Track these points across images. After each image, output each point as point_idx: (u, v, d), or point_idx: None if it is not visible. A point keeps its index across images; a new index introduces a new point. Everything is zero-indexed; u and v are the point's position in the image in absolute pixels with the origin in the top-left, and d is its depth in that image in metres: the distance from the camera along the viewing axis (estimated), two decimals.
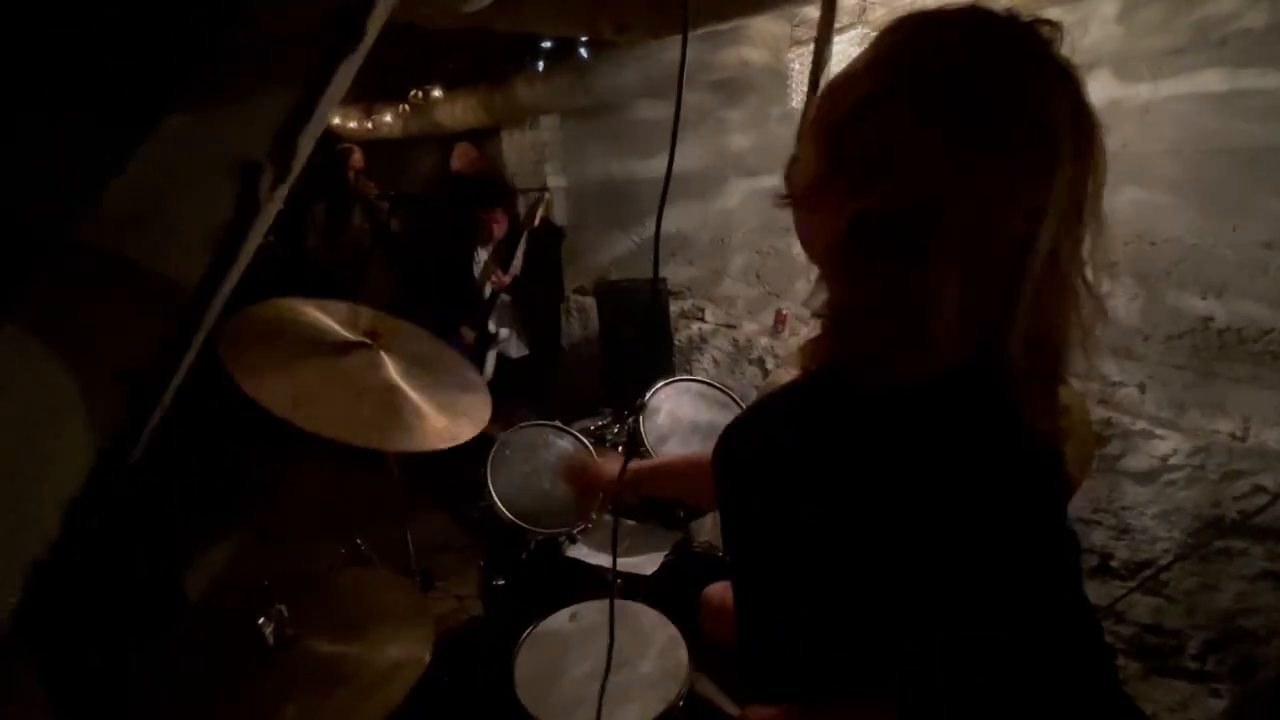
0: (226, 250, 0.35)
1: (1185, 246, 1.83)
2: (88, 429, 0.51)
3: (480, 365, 2.83)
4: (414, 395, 1.42)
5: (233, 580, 2.19)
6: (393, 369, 1.44)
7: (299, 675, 1.00)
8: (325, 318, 1.46)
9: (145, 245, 0.48)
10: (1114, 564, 2.00)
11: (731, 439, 0.68)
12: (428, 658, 1.02)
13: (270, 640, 1.01)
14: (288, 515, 2.71)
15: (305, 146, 0.37)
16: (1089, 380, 2.02)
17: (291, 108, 0.33)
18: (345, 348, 1.41)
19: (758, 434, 0.66)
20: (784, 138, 2.72)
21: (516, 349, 3.06)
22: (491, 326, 2.97)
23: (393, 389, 1.41)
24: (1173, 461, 1.86)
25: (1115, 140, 1.88)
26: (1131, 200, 1.90)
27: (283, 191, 0.36)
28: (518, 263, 2.99)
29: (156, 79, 0.44)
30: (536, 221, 3.00)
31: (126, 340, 0.50)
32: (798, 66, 1.79)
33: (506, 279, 2.92)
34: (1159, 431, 1.88)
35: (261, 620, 1.00)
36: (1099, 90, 1.91)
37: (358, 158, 3.56)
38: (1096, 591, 2.00)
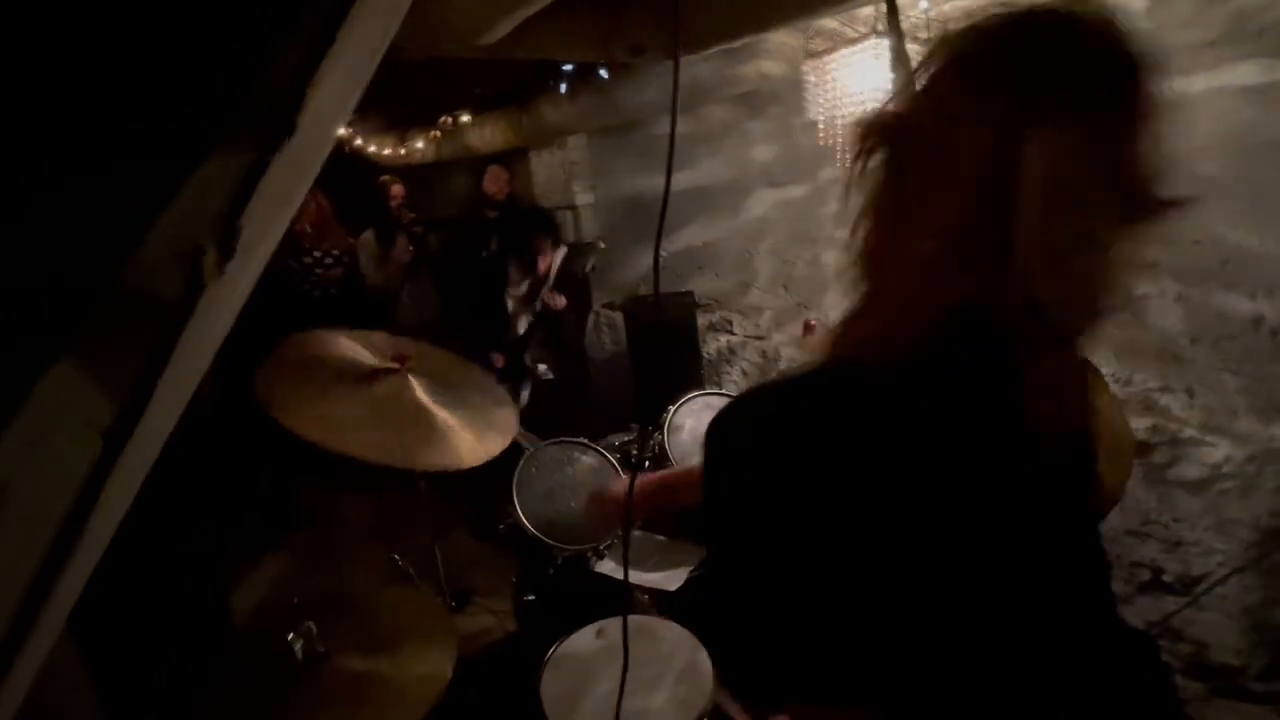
0: (175, 325, 0.38)
1: (1230, 245, 1.75)
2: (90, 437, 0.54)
3: (515, 394, 2.87)
4: (442, 414, 1.48)
5: (276, 601, 2.28)
6: (420, 390, 1.50)
7: (327, 691, 1.04)
8: (356, 346, 1.53)
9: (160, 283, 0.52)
10: (1166, 578, 1.91)
11: (726, 418, 0.66)
12: (450, 673, 1.05)
13: (300, 656, 1.05)
14: (329, 537, 2.80)
15: (258, 224, 0.40)
16: (1129, 385, 1.94)
17: (231, 195, 0.36)
18: (374, 374, 1.48)
19: (754, 413, 0.65)
20: (807, 147, 2.72)
21: (547, 373, 3.10)
22: (528, 360, 2.99)
23: (421, 409, 1.47)
24: (1226, 470, 1.77)
25: None
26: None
27: (238, 266, 0.39)
28: (550, 297, 3.04)
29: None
30: (589, 270, 3.06)
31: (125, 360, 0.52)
32: (814, 78, 1.79)
33: (562, 300, 2.95)
34: (1209, 439, 1.80)
35: (290, 637, 1.05)
36: None
37: (398, 189, 3.75)
38: (1149, 607, 1.91)
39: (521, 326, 3.00)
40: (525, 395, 2.94)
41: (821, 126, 1.89)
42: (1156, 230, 0.56)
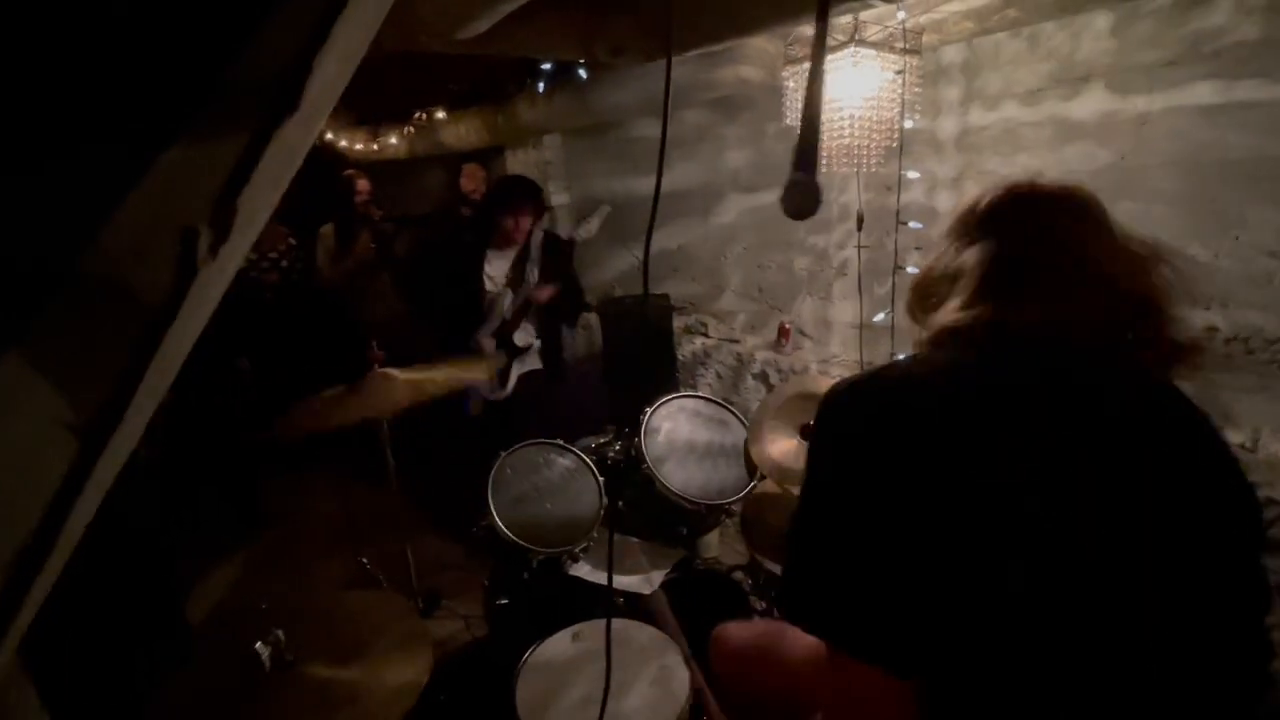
0: (168, 310, 0.35)
1: (1186, 258, 1.81)
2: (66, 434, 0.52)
3: (502, 381, 2.74)
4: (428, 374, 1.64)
5: (236, 603, 2.19)
6: (400, 373, 1.63)
7: (297, 699, 1.00)
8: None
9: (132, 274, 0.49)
10: None
11: (837, 396, 0.73)
12: (425, 681, 1.02)
13: (268, 665, 1.01)
14: (291, 536, 2.71)
15: (250, 208, 0.37)
16: None
17: (229, 173, 0.34)
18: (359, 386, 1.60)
19: (861, 403, 0.72)
20: (780, 153, 2.74)
21: (534, 362, 2.95)
22: (520, 339, 2.76)
23: (408, 380, 1.62)
24: None
25: (1111, 153, 1.90)
26: (1128, 213, 1.87)
27: (229, 251, 0.36)
28: (533, 276, 2.84)
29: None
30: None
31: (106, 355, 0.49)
32: (792, 84, 1.80)
33: (547, 291, 2.74)
34: None
35: (259, 645, 1.00)
36: (1092, 104, 1.93)
37: (364, 184, 3.62)
38: None
39: (507, 311, 2.73)
40: (513, 381, 2.80)
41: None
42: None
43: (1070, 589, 0.63)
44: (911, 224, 2.07)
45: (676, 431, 1.95)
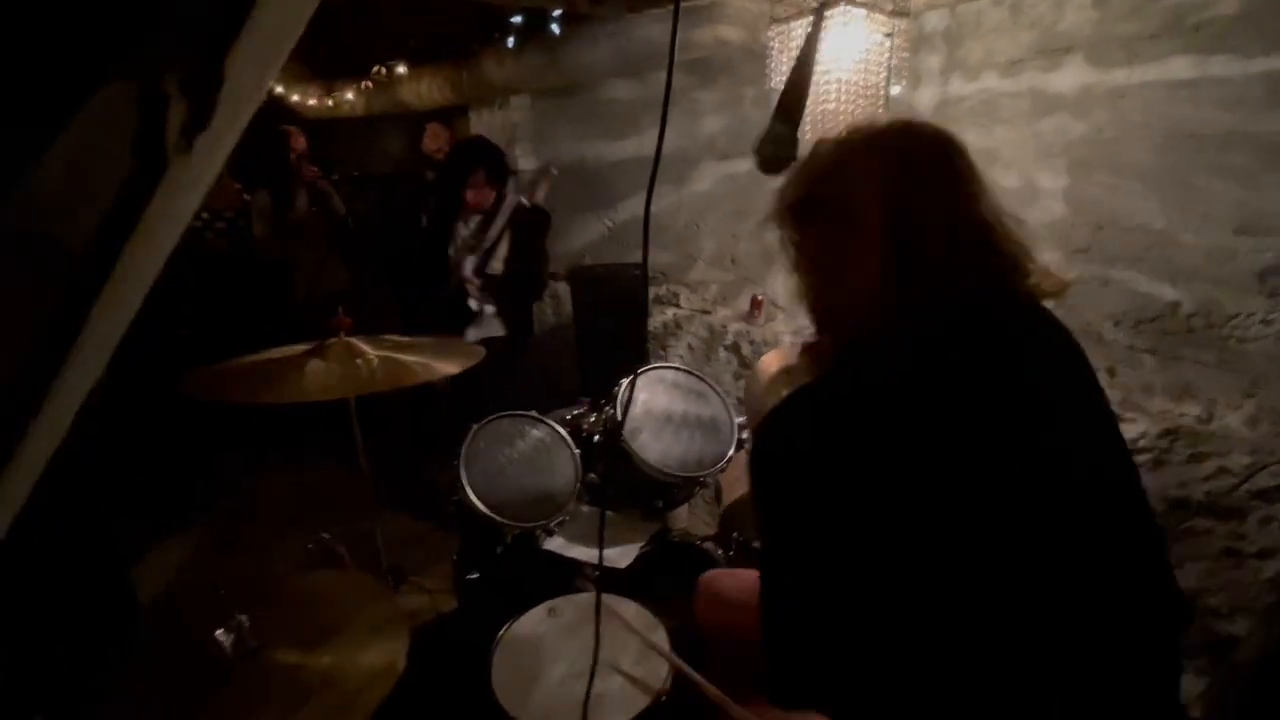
0: (129, 206, 0.28)
1: (1155, 232, 1.85)
2: None
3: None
4: (401, 354, 1.50)
5: (189, 584, 2.09)
6: (370, 346, 1.50)
7: (263, 689, 0.94)
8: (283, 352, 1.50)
9: (55, 220, 0.41)
10: None
11: (764, 441, 0.75)
12: (402, 665, 0.97)
13: (230, 653, 0.94)
14: (247, 514, 2.59)
15: (238, 77, 0.29)
16: None
17: (214, 26, 0.26)
18: (314, 350, 1.46)
19: (787, 432, 0.73)
20: (758, 120, 2.67)
21: (495, 328, 2.85)
22: (474, 304, 2.73)
23: (379, 357, 1.48)
24: (1140, 444, 1.89)
25: (1088, 125, 1.90)
26: (1103, 185, 1.91)
27: (208, 144, 0.29)
28: (502, 248, 2.79)
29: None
30: (542, 198, 2.78)
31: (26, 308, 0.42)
32: (776, 45, 1.73)
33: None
34: (1128, 415, 1.91)
35: (220, 632, 0.93)
36: (1072, 76, 1.92)
37: (300, 141, 3.35)
38: None
39: (467, 268, 2.70)
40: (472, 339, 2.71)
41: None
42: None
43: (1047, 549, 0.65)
44: None
45: (653, 402, 1.92)
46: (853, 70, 1.63)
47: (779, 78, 1.77)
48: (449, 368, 1.45)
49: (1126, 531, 0.71)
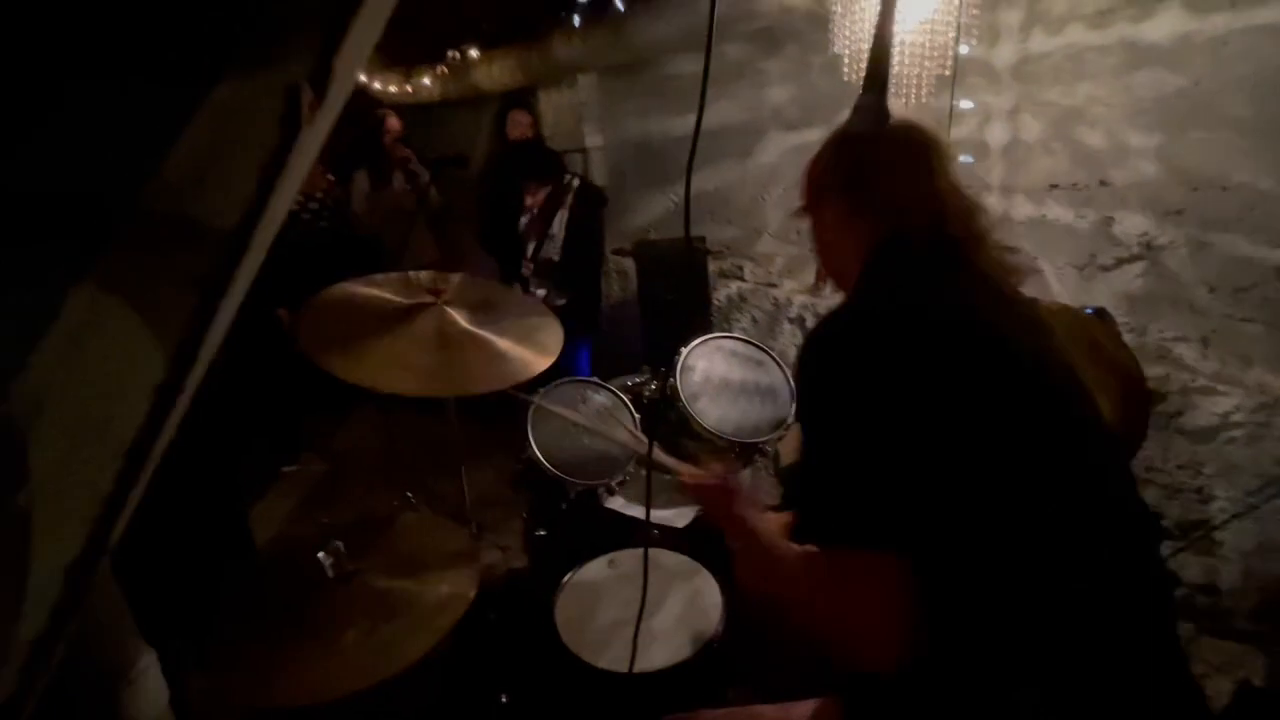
0: (270, 175, 0.38)
1: (1258, 193, 1.72)
2: (149, 379, 0.55)
3: None
4: (490, 336, 1.49)
5: (295, 522, 2.33)
6: (462, 319, 1.49)
7: (357, 606, 1.08)
8: (382, 292, 1.52)
9: (201, 200, 0.52)
10: (1165, 523, 1.95)
11: (811, 348, 0.84)
12: (473, 593, 1.09)
13: (330, 574, 1.09)
14: (340, 470, 2.85)
15: (343, 72, 0.39)
16: (1145, 335, 1.94)
17: (325, 33, 0.35)
18: (411, 311, 1.46)
19: (829, 343, 0.83)
20: (826, 88, 2.64)
21: (558, 298, 3.09)
22: (532, 286, 3.02)
23: (467, 336, 1.47)
24: (1235, 419, 1.78)
25: (1185, 78, 1.79)
26: (1200, 142, 1.79)
27: (323, 120, 0.38)
28: (560, 233, 3.01)
29: (209, 35, 0.47)
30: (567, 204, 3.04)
31: (179, 295, 0.53)
32: (839, 9, 1.72)
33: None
34: (1221, 388, 1.81)
35: (321, 554, 1.08)
36: (1168, 24, 1.80)
37: (394, 122, 3.59)
38: None
39: (529, 249, 3.00)
40: None
41: (846, 62, 1.82)
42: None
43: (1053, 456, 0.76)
44: (961, 158, 1.99)
45: (712, 370, 1.97)
46: (919, 30, 1.60)
47: (843, 43, 1.76)
48: (540, 361, 1.48)
49: (1109, 448, 0.83)
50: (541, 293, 3.03)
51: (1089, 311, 1.77)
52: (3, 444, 0.42)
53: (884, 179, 0.91)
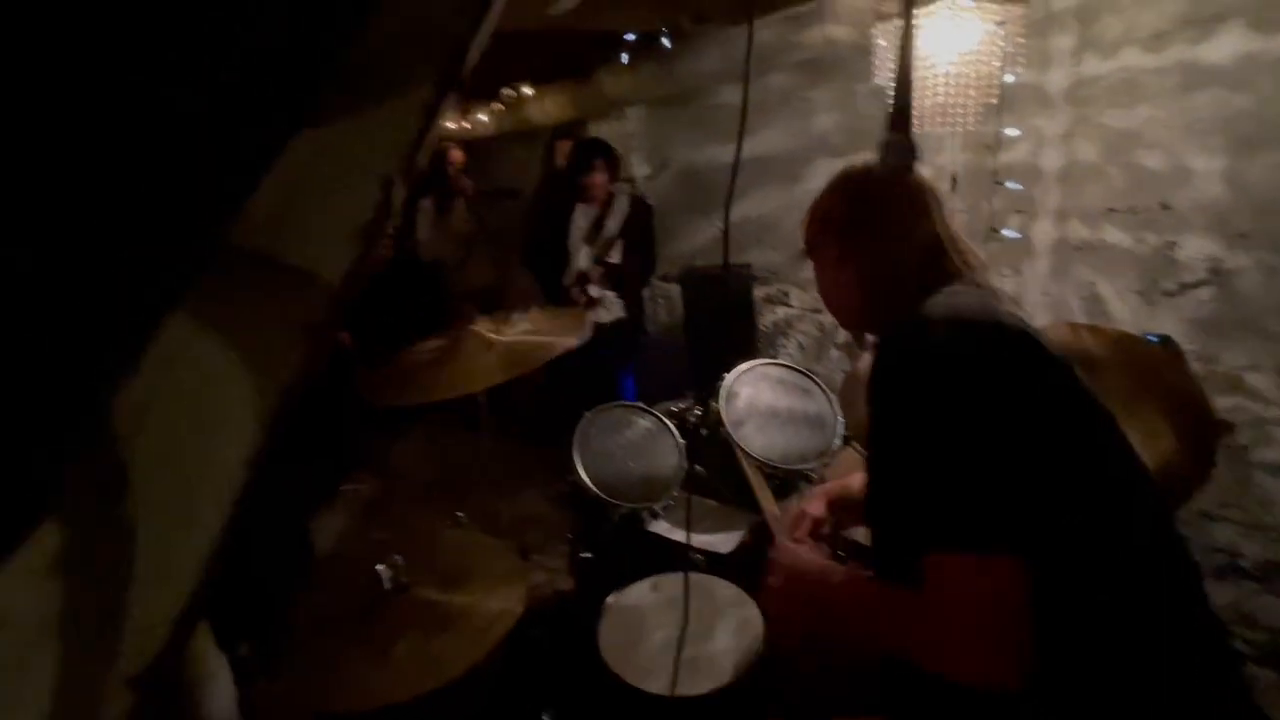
0: (367, 248, 0.43)
1: None
2: (254, 407, 0.61)
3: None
4: (520, 334, 1.74)
5: (351, 542, 2.44)
6: (489, 329, 1.74)
7: (410, 618, 1.14)
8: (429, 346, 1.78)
9: (296, 244, 0.58)
10: (1244, 563, 1.84)
11: (897, 357, 0.87)
12: (521, 610, 1.13)
13: (387, 586, 1.15)
14: (391, 490, 2.97)
15: (420, 161, 0.45)
16: (1215, 364, 1.86)
17: (415, 131, 0.41)
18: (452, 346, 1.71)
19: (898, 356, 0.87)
20: (871, 115, 2.65)
21: (612, 312, 3.15)
22: (594, 291, 3.06)
23: (499, 342, 1.71)
24: None
25: (1251, 98, 1.74)
26: (1267, 166, 1.73)
27: (400, 197, 0.44)
28: (613, 234, 3.11)
29: (287, 91, 0.53)
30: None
31: (286, 332, 0.58)
32: (883, 42, 1.75)
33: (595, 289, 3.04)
34: None
35: (380, 566, 1.14)
36: (1230, 44, 1.76)
37: (456, 154, 3.80)
38: (1225, 592, 1.85)
39: (583, 261, 3.08)
40: (588, 329, 3.00)
41: (890, 92, 1.85)
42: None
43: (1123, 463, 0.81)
44: (1009, 184, 1.97)
45: (757, 397, 1.98)
46: (962, 62, 1.62)
47: (886, 74, 1.78)
48: (566, 340, 1.66)
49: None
50: (612, 294, 3.10)
51: (1152, 339, 1.71)
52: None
53: (887, 216, 0.96)
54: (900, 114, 1.10)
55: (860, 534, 1.84)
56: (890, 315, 0.92)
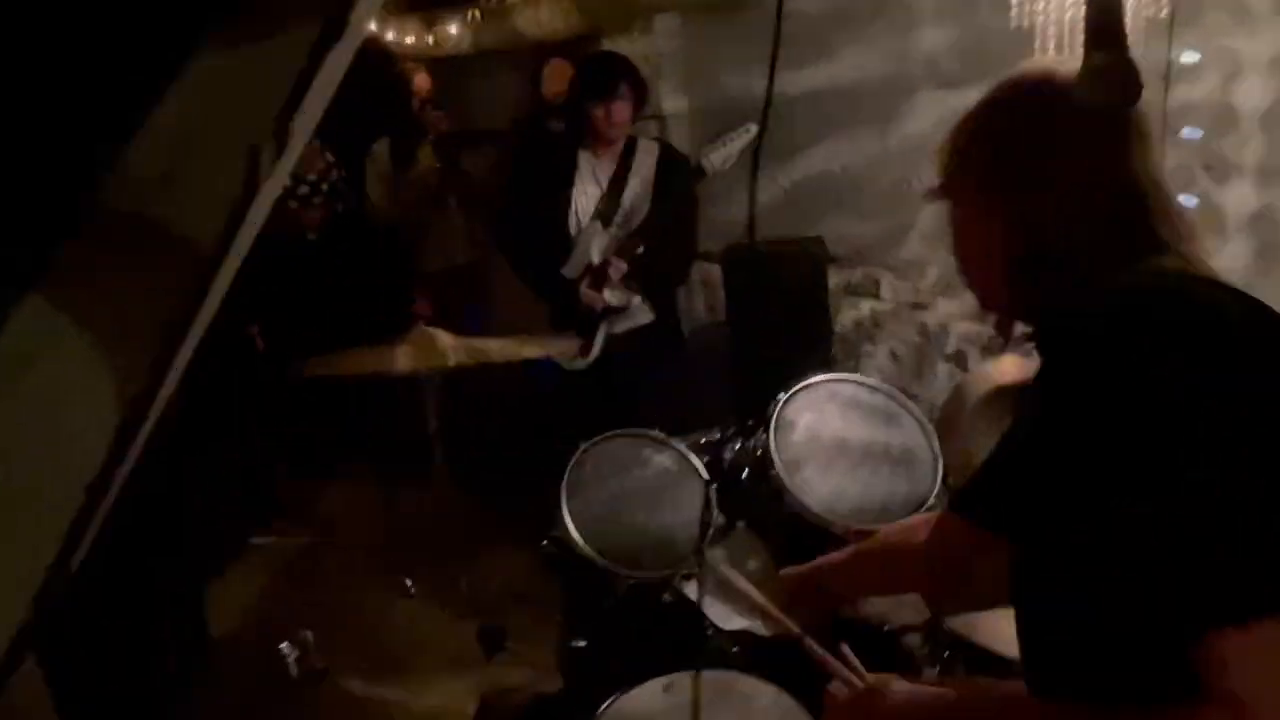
0: (236, 218, 0.50)
1: None
2: (111, 402, 0.69)
3: (586, 350, 2.88)
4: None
5: (259, 613, 2.53)
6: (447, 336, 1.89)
7: (324, 715, 1.20)
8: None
9: (168, 206, 0.65)
10: None
11: (1068, 368, 0.89)
12: (472, 709, 1.18)
13: (293, 673, 1.21)
14: (320, 544, 3.06)
15: (300, 130, 0.51)
16: None
17: (287, 96, 0.47)
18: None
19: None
20: (996, 30, 2.67)
21: (643, 314, 3.05)
22: (611, 297, 2.92)
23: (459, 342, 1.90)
24: None
25: None
26: None
27: (282, 167, 0.50)
28: (642, 212, 2.97)
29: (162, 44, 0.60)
30: (732, 162, 3.04)
31: (150, 306, 0.66)
32: None
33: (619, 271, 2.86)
34: None
35: (284, 645, 1.21)
36: None
37: (422, 80, 3.77)
38: None
39: (595, 252, 2.88)
40: (599, 343, 2.90)
41: (1016, 2, 1.89)
42: None
43: None
44: (1185, 132, 1.98)
45: (822, 425, 2.00)
46: None
47: None
48: (530, 350, 1.75)
49: None
50: (637, 298, 2.97)
51: None
52: None
53: (1070, 150, 0.94)
54: (1106, 23, 1.11)
55: (959, 623, 1.85)
56: (1058, 298, 0.90)
